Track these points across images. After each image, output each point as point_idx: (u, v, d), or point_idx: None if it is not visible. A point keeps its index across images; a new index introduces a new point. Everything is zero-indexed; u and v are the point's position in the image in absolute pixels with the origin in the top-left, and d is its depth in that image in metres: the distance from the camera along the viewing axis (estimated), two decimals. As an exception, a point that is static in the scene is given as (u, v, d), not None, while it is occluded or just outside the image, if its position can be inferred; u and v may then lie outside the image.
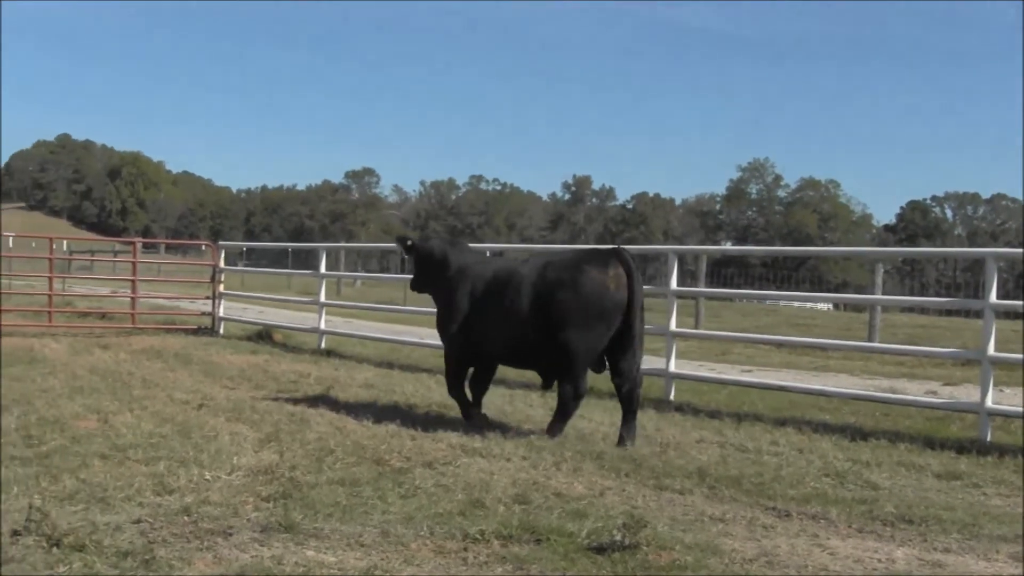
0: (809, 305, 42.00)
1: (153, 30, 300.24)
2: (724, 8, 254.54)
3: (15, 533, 6.46)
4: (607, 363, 10.76)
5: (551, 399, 11.09)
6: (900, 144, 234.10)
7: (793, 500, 8.10)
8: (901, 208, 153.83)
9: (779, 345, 20.72)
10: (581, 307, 10.30)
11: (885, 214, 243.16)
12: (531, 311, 10.58)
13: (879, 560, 6.60)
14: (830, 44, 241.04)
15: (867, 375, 17.26)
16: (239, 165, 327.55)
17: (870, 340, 21.28)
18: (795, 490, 8.43)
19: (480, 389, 11.59)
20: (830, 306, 43.06)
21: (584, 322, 10.30)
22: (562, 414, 10.62)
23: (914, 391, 14.60)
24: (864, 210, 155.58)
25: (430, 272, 11.67)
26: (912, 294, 61.01)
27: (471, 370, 11.64)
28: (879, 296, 21.65)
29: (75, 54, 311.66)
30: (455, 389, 11.48)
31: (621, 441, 10.30)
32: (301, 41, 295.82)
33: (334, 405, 12.12)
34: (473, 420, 11.17)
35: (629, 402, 10.49)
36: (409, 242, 12.01)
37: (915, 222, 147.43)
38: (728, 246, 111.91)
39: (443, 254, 11.57)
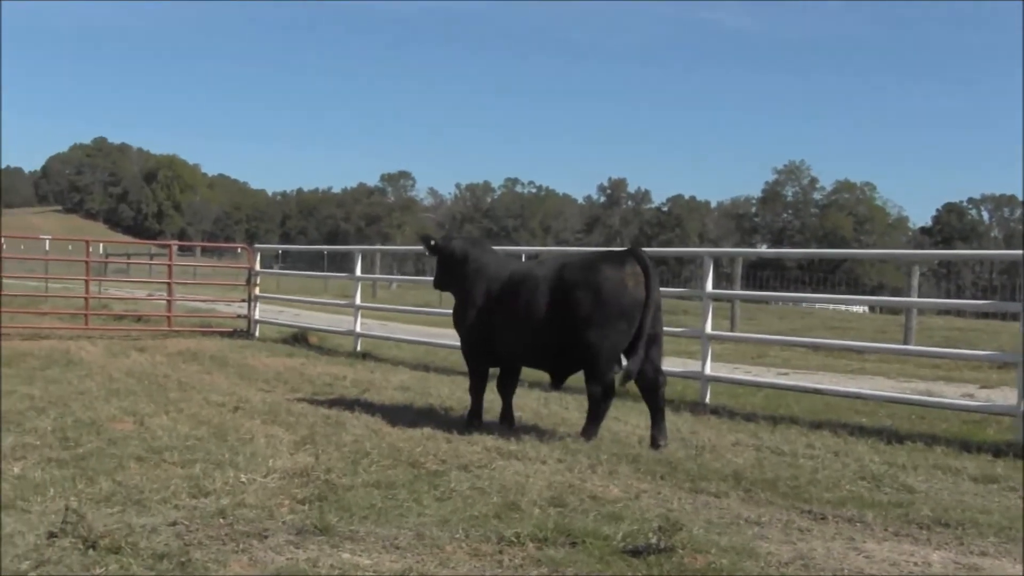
0: (845, 308, 41.85)
1: (188, 32, 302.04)
2: (760, 9, 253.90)
3: (52, 535, 6.49)
4: (624, 363, 10.74)
5: (586, 402, 11.05)
6: (936, 146, 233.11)
7: (829, 503, 8.07)
8: (937, 210, 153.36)
9: (815, 348, 20.65)
10: (601, 305, 10.31)
11: (921, 216, 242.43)
12: (549, 311, 10.60)
13: (915, 564, 6.58)
14: (866, 46, 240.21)
15: (903, 378, 17.15)
16: (275, 168, 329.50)
17: (906, 343, 21.14)
18: (831, 493, 8.40)
19: (507, 391, 11.57)
20: (866, 309, 42.90)
21: (605, 320, 10.31)
22: (594, 414, 10.64)
23: (950, 394, 14.53)
24: (900, 212, 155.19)
25: (452, 271, 11.73)
26: (948, 297, 60.70)
27: (497, 372, 11.68)
28: (915, 299, 21.54)
29: (111, 57, 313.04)
30: (475, 389, 11.52)
31: (654, 442, 10.31)
32: (337, 43, 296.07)
33: (370, 408, 12.12)
34: (473, 424, 11.17)
35: (654, 400, 10.51)
36: (432, 241, 12.05)
37: (951, 224, 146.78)
38: (764, 249, 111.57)
39: (464, 253, 11.61)
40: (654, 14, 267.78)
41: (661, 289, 10.62)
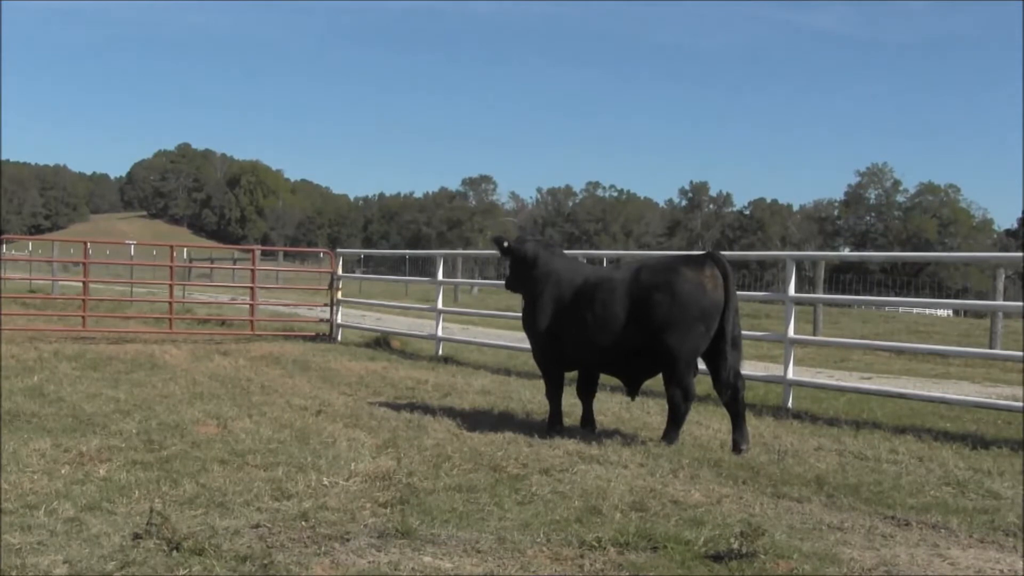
0: (929, 311, 41.33)
1: (274, 40, 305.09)
2: (844, 9, 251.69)
3: (136, 536, 6.61)
4: (706, 367, 10.76)
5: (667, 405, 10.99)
6: (1020, 147, 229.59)
7: (913, 509, 7.99)
8: (1023, 212, 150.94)
9: (898, 352, 20.49)
10: (679, 308, 10.29)
11: (1006, 219, 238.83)
12: (627, 316, 10.57)
13: (1001, 571, 6.51)
14: (949, 47, 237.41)
15: (989, 383, 16.96)
16: (357, 173, 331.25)
17: (991, 347, 20.88)
18: (915, 499, 8.32)
19: (587, 396, 11.54)
20: (950, 312, 42.33)
21: (683, 323, 10.29)
22: (675, 419, 10.60)
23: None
24: (985, 215, 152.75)
25: (524, 274, 11.71)
26: (1036, 300, 59.67)
27: (577, 378, 11.66)
28: (1001, 302, 21.20)
29: (196, 64, 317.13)
30: (552, 394, 11.51)
31: (735, 446, 10.29)
32: (419, 47, 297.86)
33: (451, 412, 12.17)
34: (554, 429, 11.09)
35: (734, 404, 10.47)
36: (505, 243, 12.03)
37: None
38: (846, 252, 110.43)
39: (535, 256, 11.60)
40: (737, 14, 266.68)
41: (743, 293, 10.59)
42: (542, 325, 11.29)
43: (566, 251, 12.51)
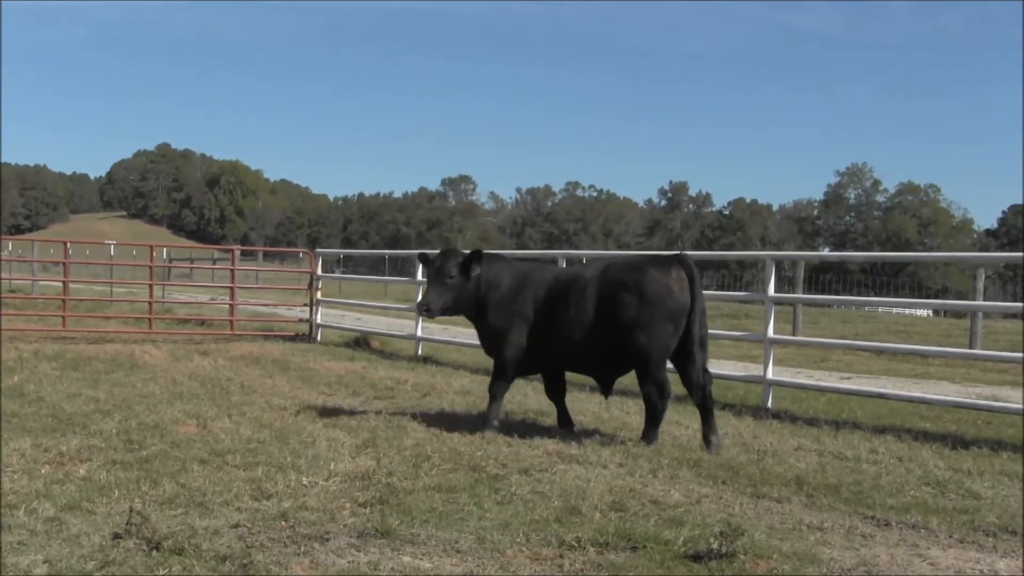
0: (908, 311, 41.47)
1: (251, 40, 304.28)
2: (825, 9, 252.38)
3: (116, 536, 6.60)
4: (674, 368, 10.81)
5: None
6: (1002, 147, 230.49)
7: (893, 509, 8.01)
8: (1003, 212, 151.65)
9: (878, 352, 20.55)
10: (647, 307, 10.38)
11: (986, 219, 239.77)
12: (596, 314, 10.63)
13: (981, 571, 6.53)
14: (930, 47, 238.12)
15: (968, 383, 17.02)
16: (336, 173, 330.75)
17: (971, 347, 20.97)
18: (895, 499, 8.34)
19: (558, 398, 11.58)
20: (930, 312, 42.49)
21: (652, 322, 10.37)
22: (652, 416, 10.61)
23: (1017, 399, 14.29)
24: (965, 215, 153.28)
25: (466, 287, 11.45)
26: (1014, 300, 59.92)
27: (544, 380, 11.69)
28: (980, 302, 21.30)
29: (175, 64, 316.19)
30: (500, 390, 11.39)
31: (706, 440, 10.40)
32: (399, 46, 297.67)
33: (431, 412, 12.18)
34: (492, 425, 11.01)
35: (703, 402, 10.54)
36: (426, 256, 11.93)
37: (1017, 226, 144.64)
38: (826, 252, 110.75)
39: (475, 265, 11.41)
40: (718, 13, 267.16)
41: (722, 293, 10.67)
42: (513, 329, 11.20)
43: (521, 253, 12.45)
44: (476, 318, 11.61)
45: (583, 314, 10.69)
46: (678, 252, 11.12)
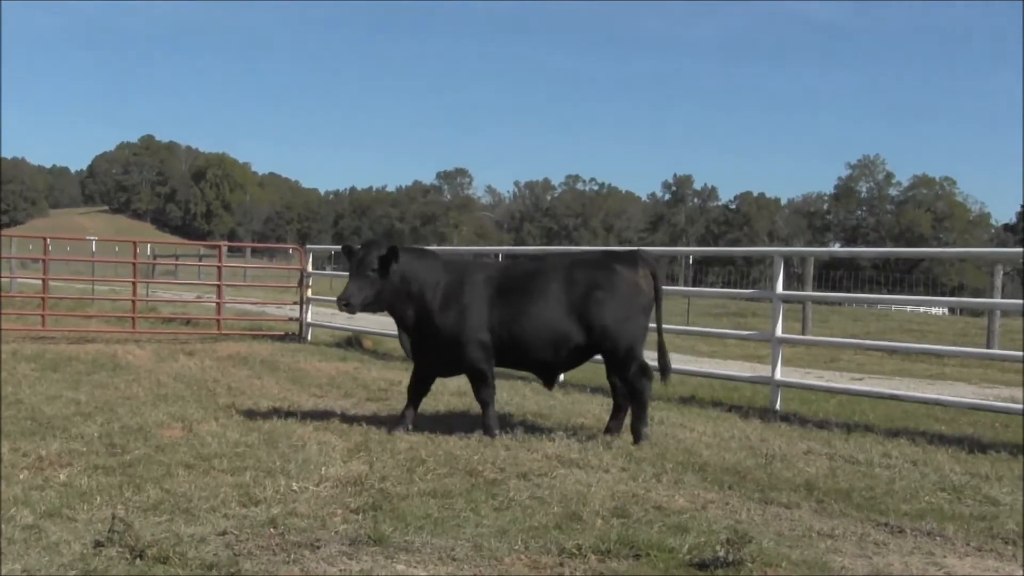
0: (923, 309, 41.44)
1: (238, 30, 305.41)
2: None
3: (98, 544, 6.49)
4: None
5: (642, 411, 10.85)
6: (1020, 138, 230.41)
7: (907, 515, 7.88)
8: (1022, 206, 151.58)
9: (891, 352, 20.56)
10: (619, 302, 10.71)
11: (1004, 213, 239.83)
12: (567, 309, 10.73)
13: (1000, 580, 6.43)
14: (944, 35, 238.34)
15: (986, 383, 17.07)
16: (327, 166, 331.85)
17: (989, 346, 20.79)
18: (909, 505, 8.22)
19: (421, 393, 11.64)
20: (945, 310, 42.47)
21: (629, 316, 10.74)
22: (641, 401, 10.71)
23: (1037, 401, 14.17)
24: (982, 209, 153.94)
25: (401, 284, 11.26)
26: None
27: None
28: (998, 300, 21.08)
29: (159, 54, 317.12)
30: (489, 395, 11.22)
31: (608, 431, 10.84)
32: (392, 35, 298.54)
33: (425, 414, 12.01)
34: (494, 431, 10.87)
35: (627, 397, 10.80)
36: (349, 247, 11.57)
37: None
38: (836, 248, 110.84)
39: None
40: (725, 5, 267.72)
41: (729, 291, 10.72)
42: (467, 329, 10.93)
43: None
44: (415, 322, 11.19)
45: (549, 311, 10.71)
46: (636, 248, 11.62)
